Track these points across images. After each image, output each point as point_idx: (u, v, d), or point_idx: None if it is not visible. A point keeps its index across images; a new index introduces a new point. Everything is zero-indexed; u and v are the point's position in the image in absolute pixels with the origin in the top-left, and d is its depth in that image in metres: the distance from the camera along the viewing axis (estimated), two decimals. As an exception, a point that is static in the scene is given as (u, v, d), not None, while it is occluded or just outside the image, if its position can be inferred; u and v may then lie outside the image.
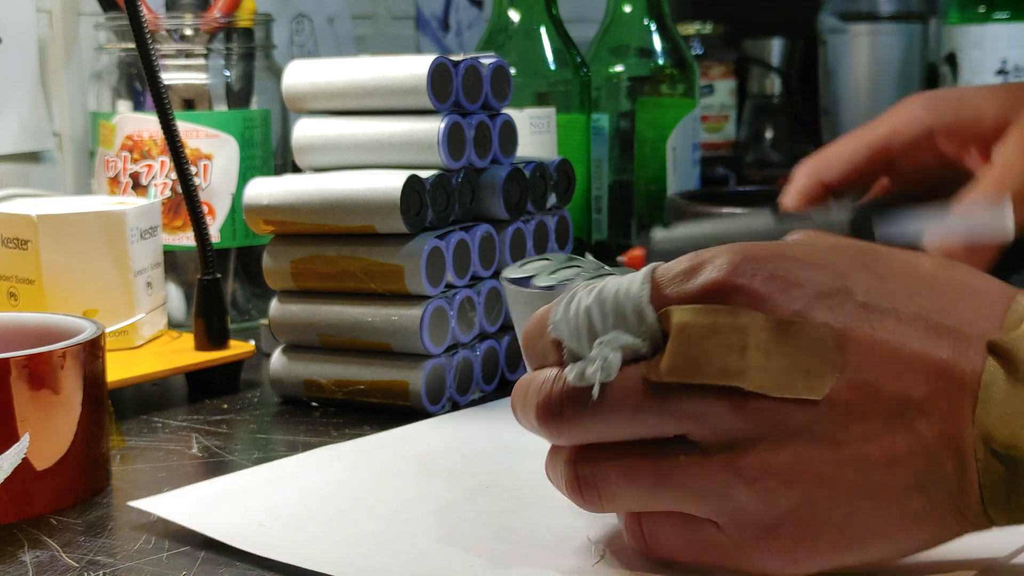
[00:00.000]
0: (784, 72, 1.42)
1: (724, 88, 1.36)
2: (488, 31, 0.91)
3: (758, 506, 0.38)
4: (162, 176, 0.82)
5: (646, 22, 1.00)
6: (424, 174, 0.62)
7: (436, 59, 0.64)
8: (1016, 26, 1.10)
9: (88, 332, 0.53)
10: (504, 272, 0.46)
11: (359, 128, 0.66)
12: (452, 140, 0.64)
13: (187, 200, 0.66)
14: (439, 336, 0.63)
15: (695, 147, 1.01)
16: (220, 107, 0.83)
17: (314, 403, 0.65)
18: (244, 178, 0.81)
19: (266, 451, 0.57)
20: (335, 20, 1.17)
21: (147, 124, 0.81)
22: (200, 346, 0.68)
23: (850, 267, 0.39)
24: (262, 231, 0.65)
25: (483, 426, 0.60)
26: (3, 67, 0.90)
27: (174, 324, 0.78)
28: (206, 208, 0.81)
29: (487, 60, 0.67)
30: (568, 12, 0.96)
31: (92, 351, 0.52)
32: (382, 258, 0.62)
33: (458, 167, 0.65)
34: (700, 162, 1.02)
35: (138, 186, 0.82)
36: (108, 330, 0.61)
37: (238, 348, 0.69)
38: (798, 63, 1.44)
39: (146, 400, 0.67)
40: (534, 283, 0.46)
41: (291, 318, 0.65)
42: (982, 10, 1.11)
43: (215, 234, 0.82)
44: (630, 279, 0.40)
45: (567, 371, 0.40)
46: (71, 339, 0.52)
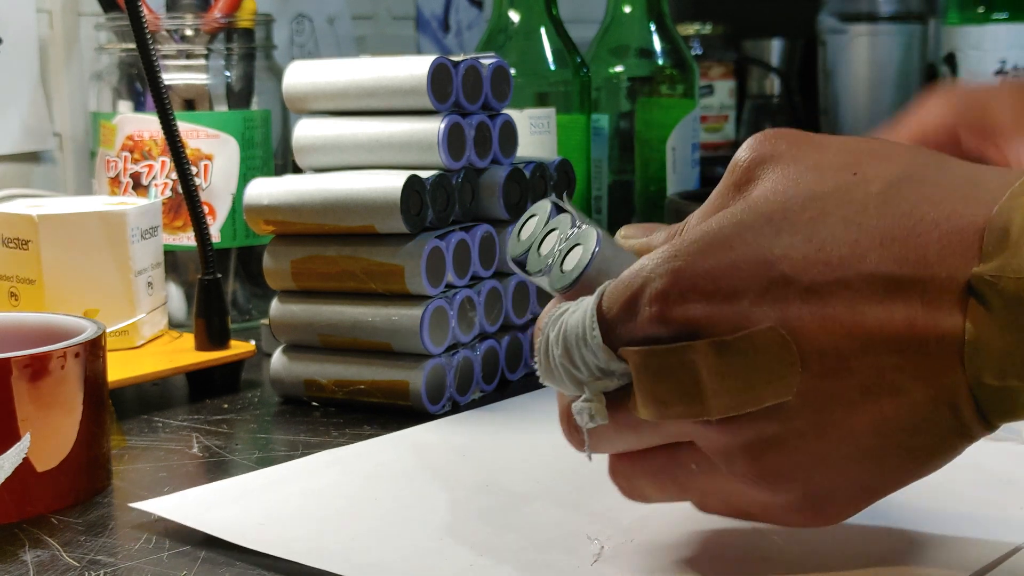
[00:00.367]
0: (784, 72, 1.42)
1: (724, 88, 1.36)
2: (488, 31, 0.91)
3: (773, 498, 0.39)
4: (163, 176, 0.82)
5: (646, 22, 1.00)
6: (424, 174, 0.63)
7: (436, 59, 0.64)
8: (1015, 26, 1.10)
9: (89, 332, 0.53)
10: (509, 250, 0.46)
11: (359, 128, 0.66)
12: (452, 140, 0.64)
13: (187, 200, 0.67)
14: (439, 336, 0.63)
15: (695, 147, 1.01)
16: (220, 107, 0.83)
17: (314, 403, 0.65)
18: (244, 178, 0.81)
19: (266, 451, 0.57)
20: (335, 20, 1.17)
21: (148, 124, 0.81)
22: (200, 346, 0.68)
23: (786, 242, 0.37)
24: (262, 231, 0.65)
25: (483, 427, 0.60)
26: (4, 67, 0.90)
27: (175, 324, 0.78)
28: (206, 208, 0.81)
29: (487, 60, 0.67)
30: (568, 12, 0.96)
31: (93, 351, 0.52)
32: (382, 258, 0.62)
33: (458, 167, 0.65)
34: (700, 162, 1.02)
35: (139, 186, 0.82)
36: (109, 330, 0.61)
37: (238, 348, 0.69)
38: (798, 63, 1.44)
39: (147, 400, 0.67)
40: (528, 268, 0.46)
41: (291, 318, 0.65)
42: (981, 10, 1.11)
43: (215, 234, 0.82)
44: (580, 317, 0.40)
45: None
46: (72, 339, 0.52)
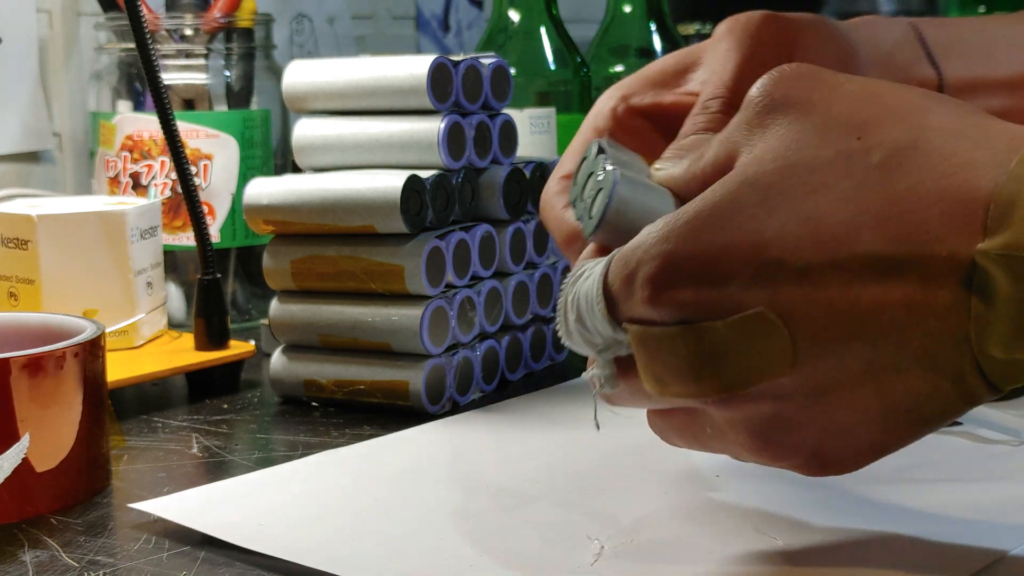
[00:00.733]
0: (784, 72, 1.42)
1: (724, 88, 1.36)
2: (488, 31, 0.91)
3: (786, 461, 0.39)
4: (162, 176, 0.82)
5: (646, 22, 1.00)
6: (424, 174, 0.62)
7: (436, 59, 0.64)
8: (1016, 26, 1.09)
9: (88, 332, 0.53)
10: (569, 195, 0.46)
11: (359, 128, 0.66)
12: (452, 140, 0.64)
13: (187, 200, 0.66)
14: (439, 336, 0.63)
15: (695, 147, 1.01)
16: (220, 107, 0.83)
17: (314, 403, 0.65)
18: (244, 178, 0.81)
19: (266, 451, 0.57)
20: (335, 20, 1.17)
21: (147, 124, 0.81)
22: (200, 346, 0.68)
23: (779, 222, 0.36)
24: (262, 231, 0.65)
25: (483, 427, 0.60)
26: (3, 67, 0.90)
27: (174, 324, 0.78)
28: (206, 208, 0.81)
29: (487, 60, 0.67)
30: (568, 12, 0.96)
31: (92, 351, 0.52)
32: (382, 258, 0.62)
33: (458, 167, 0.65)
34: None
35: (138, 186, 0.82)
36: (108, 330, 0.61)
37: (238, 348, 0.69)
38: (798, 63, 1.44)
39: (146, 400, 0.67)
40: (576, 214, 0.46)
41: (291, 318, 0.65)
42: (982, 10, 1.11)
43: (215, 234, 0.82)
44: (591, 286, 0.40)
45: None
46: (71, 339, 0.52)
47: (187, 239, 0.81)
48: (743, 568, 0.41)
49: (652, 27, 0.99)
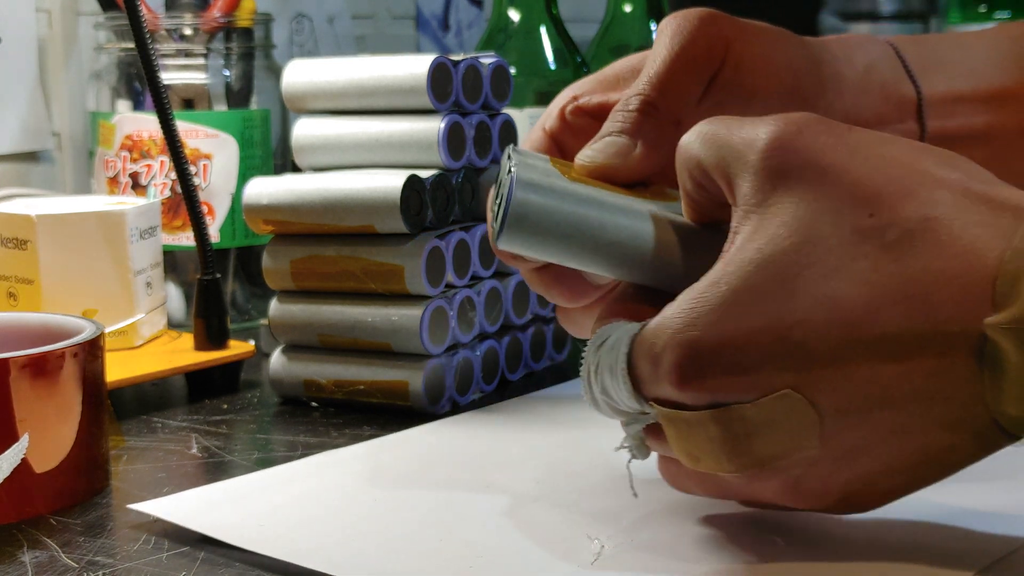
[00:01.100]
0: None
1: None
2: (488, 31, 0.91)
3: (812, 508, 0.41)
4: (162, 176, 0.81)
5: (646, 21, 1.00)
6: (424, 174, 0.62)
7: (436, 59, 0.64)
8: (1017, 25, 1.09)
9: (88, 332, 0.53)
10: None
11: (359, 128, 0.66)
12: (452, 140, 0.64)
13: (187, 200, 0.66)
14: (439, 336, 0.63)
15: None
16: (220, 107, 0.83)
17: (314, 403, 0.65)
18: (244, 178, 0.81)
19: (266, 451, 0.57)
20: (335, 20, 1.17)
21: (146, 124, 0.81)
22: (200, 346, 0.68)
23: (800, 307, 0.38)
24: (262, 231, 0.65)
25: (483, 428, 0.60)
26: (2, 67, 0.90)
27: (174, 324, 0.78)
28: (206, 208, 0.81)
29: (487, 60, 0.67)
30: (568, 12, 0.96)
31: (92, 351, 0.52)
32: (382, 258, 0.62)
33: (458, 167, 0.65)
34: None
35: (137, 186, 0.82)
36: (108, 330, 0.61)
37: (238, 348, 0.68)
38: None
39: (146, 400, 0.67)
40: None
41: (291, 318, 0.65)
42: (983, 9, 1.11)
43: (215, 234, 0.81)
44: (613, 361, 0.42)
45: None
46: (71, 339, 0.51)
47: (187, 239, 0.81)
48: (743, 568, 0.41)
49: (652, 27, 0.99)
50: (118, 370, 0.62)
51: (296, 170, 0.69)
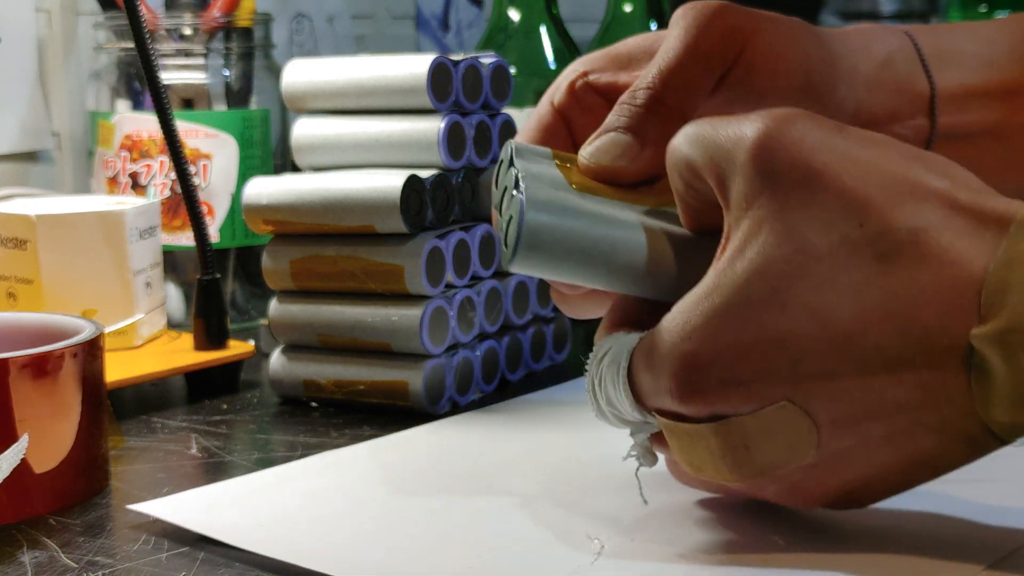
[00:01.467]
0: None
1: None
2: (488, 31, 0.91)
3: (809, 506, 0.42)
4: (161, 176, 0.81)
5: (647, 21, 1.00)
6: (424, 174, 0.62)
7: (436, 59, 0.64)
8: (1017, 25, 1.09)
9: (87, 332, 0.53)
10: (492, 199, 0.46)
11: (359, 128, 0.66)
12: (452, 140, 0.64)
13: (186, 200, 0.66)
14: (439, 336, 0.62)
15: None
16: (219, 107, 0.83)
17: (314, 403, 0.65)
18: (243, 178, 0.81)
19: (266, 451, 0.57)
20: (335, 20, 1.17)
21: (146, 124, 0.81)
22: (199, 346, 0.68)
23: (792, 320, 0.38)
24: (262, 231, 0.65)
25: (483, 428, 0.60)
26: (2, 67, 0.90)
27: (174, 324, 0.78)
28: (205, 208, 0.81)
29: (487, 60, 0.67)
30: (568, 12, 0.96)
31: (91, 351, 0.52)
32: (382, 258, 0.62)
33: (458, 167, 0.65)
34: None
35: (137, 186, 0.82)
36: (107, 330, 0.61)
37: (237, 348, 0.68)
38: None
39: (145, 400, 0.67)
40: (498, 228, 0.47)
41: (291, 318, 0.65)
42: (983, 9, 1.11)
43: (214, 234, 0.81)
44: (614, 374, 0.42)
45: None
46: (70, 339, 0.51)
47: (186, 239, 0.81)
48: (744, 568, 0.41)
49: (652, 27, 0.99)
50: (118, 370, 0.62)
51: (296, 170, 0.69)
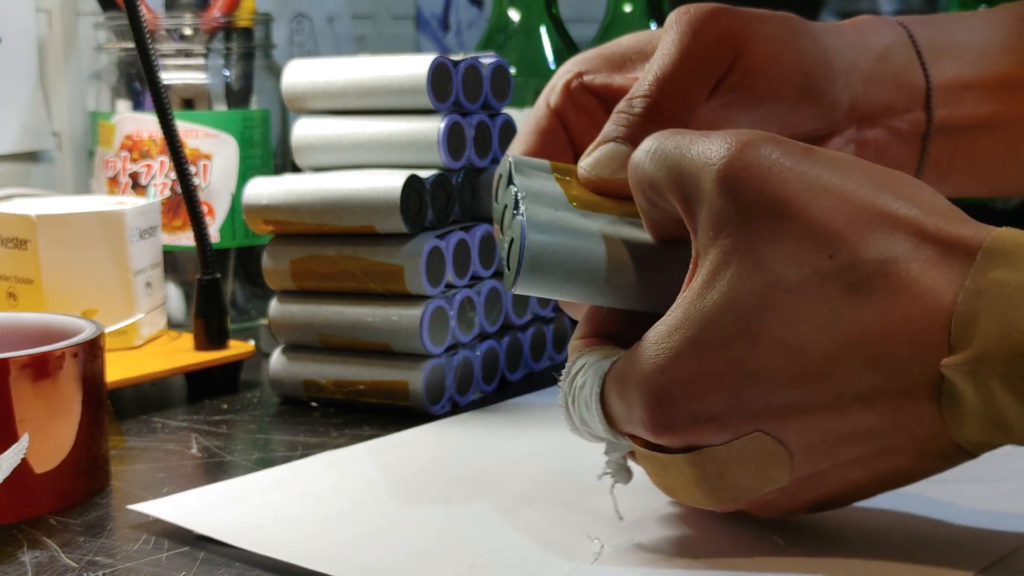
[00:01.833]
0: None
1: (724, 88, 1.35)
2: (488, 31, 0.91)
3: (785, 516, 0.43)
4: (161, 176, 0.81)
5: (646, 21, 1.00)
6: (424, 174, 0.62)
7: (436, 59, 0.64)
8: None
9: (88, 332, 0.53)
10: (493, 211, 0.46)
11: (359, 128, 0.66)
12: (452, 140, 0.64)
13: (187, 200, 0.66)
14: (439, 336, 0.63)
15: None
16: (220, 107, 0.83)
17: (314, 403, 0.65)
18: (244, 178, 0.81)
19: (266, 451, 0.57)
20: (335, 20, 1.17)
21: (146, 124, 0.81)
22: (200, 346, 0.68)
23: (762, 353, 0.38)
24: (262, 231, 0.65)
25: (483, 428, 0.60)
26: (2, 67, 0.90)
27: (174, 324, 0.78)
28: (206, 208, 0.81)
29: (487, 60, 0.67)
30: (568, 12, 0.96)
31: (92, 351, 0.52)
32: (382, 258, 0.62)
33: (458, 167, 0.65)
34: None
35: (137, 186, 0.82)
36: (108, 330, 0.61)
37: (238, 348, 0.68)
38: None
39: (146, 400, 0.67)
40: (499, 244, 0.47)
41: (291, 318, 0.65)
42: (983, 9, 1.11)
43: (215, 234, 0.81)
44: (588, 395, 0.43)
45: None
46: (71, 339, 0.51)
47: (187, 239, 0.81)
48: (744, 568, 0.41)
49: (652, 27, 0.99)
50: (118, 370, 0.62)
51: (296, 170, 0.69)
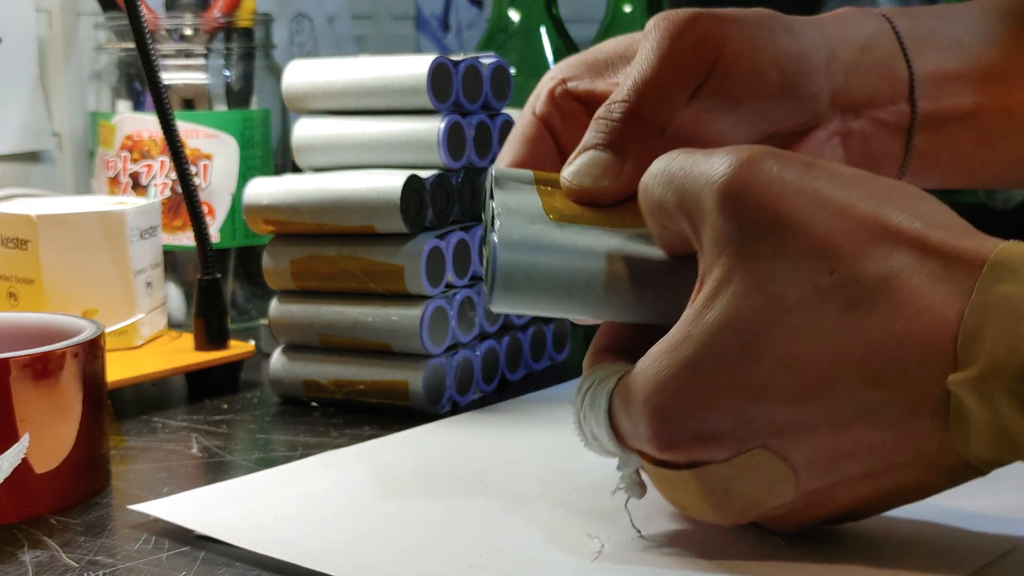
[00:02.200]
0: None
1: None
2: (488, 31, 0.91)
3: (795, 529, 0.42)
4: (162, 176, 0.81)
5: (646, 22, 1.00)
6: (424, 174, 0.62)
7: (436, 59, 0.64)
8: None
9: (88, 332, 0.53)
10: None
11: (359, 128, 0.66)
12: (452, 140, 0.64)
13: (187, 200, 0.66)
14: (439, 336, 0.63)
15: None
16: (220, 107, 0.83)
17: (314, 403, 0.65)
18: (244, 178, 0.81)
19: (266, 451, 0.57)
20: (335, 20, 1.17)
21: (147, 124, 0.81)
22: (200, 346, 0.68)
23: (765, 371, 0.38)
24: (262, 231, 0.65)
25: (483, 428, 0.60)
26: (3, 67, 0.90)
27: (174, 324, 0.78)
28: (206, 208, 0.81)
29: (487, 60, 0.67)
30: (568, 12, 0.96)
31: (92, 351, 0.52)
32: (382, 258, 0.62)
33: (458, 167, 0.65)
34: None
35: (138, 186, 0.82)
36: (108, 330, 0.61)
37: (238, 348, 0.68)
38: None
39: (146, 400, 0.67)
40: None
41: (291, 318, 0.65)
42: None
43: (215, 234, 0.81)
44: (597, 412, 0.43)
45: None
46: (71, 339, 0.51)
47: (187, 239, 0.81)
48: (744, 568, 0.41)
49: (652, 27, 0.99)
50: (118, 370, 0.62)
51: (296, 170, 0.69)
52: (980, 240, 0.38)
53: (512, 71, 0.69)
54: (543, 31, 0.90)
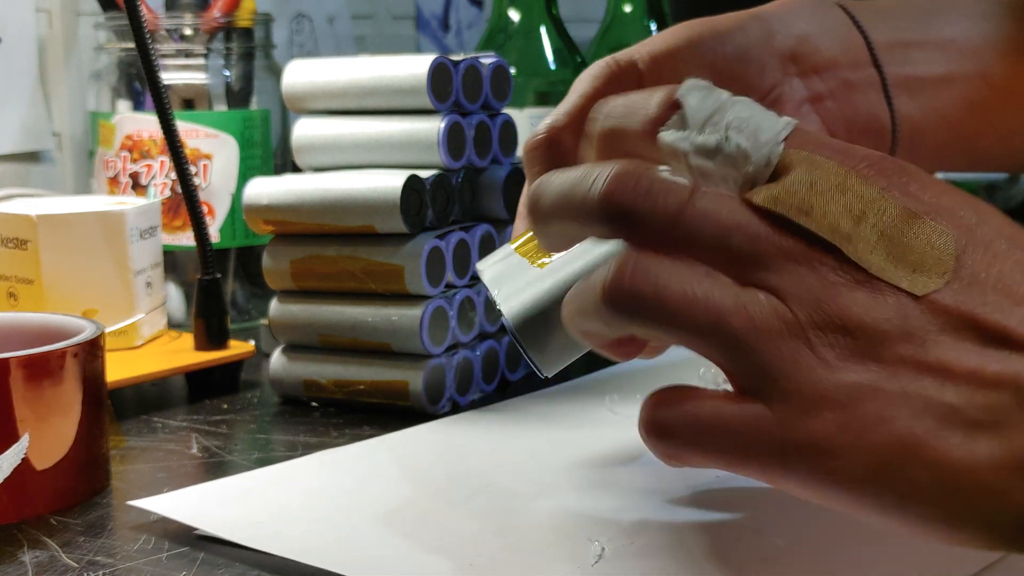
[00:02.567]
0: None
1: (724, 88, 1.35)
2: (488, 31, 0.91)
3: (820, 380, 0.34)
4: (162, 176, 0.81)
5: (646, 22, 1.00)
6: (424, 174, 0.62)
7: (436, 59, 0.64)
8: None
9: (88, 332, 0.53)
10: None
11: (359, 128, 0.66)
12: (452, 140, 0.64)
13: (187, 200, 0.66)
14: (439, 336, 0.63)
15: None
16: (220, 107, 0.83)
17: (314, 403, 0.65)
18: (244, 178, 0.81)
19: (266, 451, 0.57)
20: (335, 20, 1.17)
21: (147, 124, 0.81)
22: (200, 346, 0.68)
23: (981, 210, 0.35)
24: (262, 231, 0.65)
25: (483, 427, 0.60)
26: (3, 67, 0.90)
27: (174, 324, 0.78)
28: (206, 208, 0.81)
29: (487, 60, 0.67)
30: (568, 12, 0.96)
31: (92, 351, 0.52)
32: (382, 258, 0.62)
33: (458, 167, 0.65)
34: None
35: (138, 186, 0.82)
36: (108, 330, 0.61)
37: (238, 348, 0.68)
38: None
39: (146, 400, 0.67)
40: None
41: (291, 318, 0.65)
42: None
43: (215, 234, 0.81)
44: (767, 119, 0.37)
45: (669, 132, 0.37)
46: (71, 339, 0.51)
47: (187, 239, 0.81)
48: (744, 569, 0.41)
49: (652, 27, 0.99)
50: (118, 370, 0.62)
51: (296, 170, 0.69)
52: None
53: (512, 71, 0.69)
54: (543, 31, 0.90)
